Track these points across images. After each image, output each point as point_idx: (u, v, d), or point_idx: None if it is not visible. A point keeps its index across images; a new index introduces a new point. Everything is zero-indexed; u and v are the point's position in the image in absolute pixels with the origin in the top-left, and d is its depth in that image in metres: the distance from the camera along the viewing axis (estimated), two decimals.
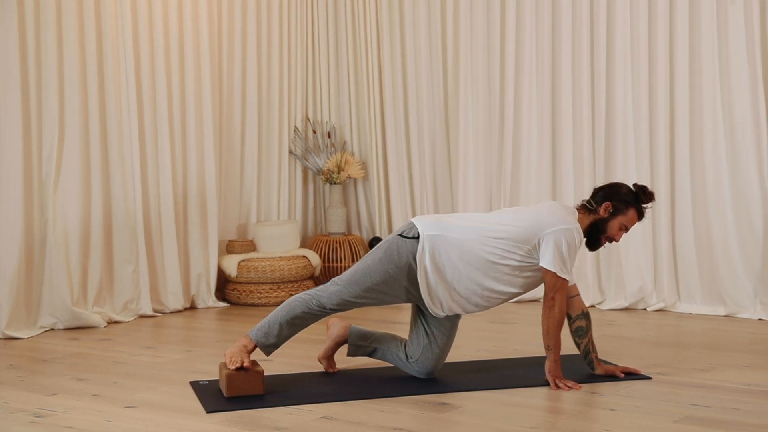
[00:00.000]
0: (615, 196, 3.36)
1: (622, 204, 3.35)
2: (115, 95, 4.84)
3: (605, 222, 3.36)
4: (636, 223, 3.41)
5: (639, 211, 3.39)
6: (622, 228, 3.39)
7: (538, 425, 2.90)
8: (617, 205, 3.35)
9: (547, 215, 3.29)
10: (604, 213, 3.36)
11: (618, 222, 3.37)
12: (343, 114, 5.99)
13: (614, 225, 3.37)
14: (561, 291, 3.26)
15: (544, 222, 3.26)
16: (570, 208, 3.40)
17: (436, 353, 3.41)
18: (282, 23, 5.73)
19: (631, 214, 3.37)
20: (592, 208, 3.37)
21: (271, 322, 3.31)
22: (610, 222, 3.36)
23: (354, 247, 5.75)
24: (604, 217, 3.36)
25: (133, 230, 4.92)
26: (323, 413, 3.03)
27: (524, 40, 5.21)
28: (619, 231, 3.38)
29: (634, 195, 3.38)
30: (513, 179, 5.31)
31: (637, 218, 3.40)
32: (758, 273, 4.66)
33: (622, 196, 3.36)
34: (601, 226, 3.37)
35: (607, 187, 3.42)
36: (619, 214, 3.36)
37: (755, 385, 3.32)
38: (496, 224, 3.29)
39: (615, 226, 3.37)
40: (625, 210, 3.36)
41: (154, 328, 4.72)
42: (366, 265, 3.30)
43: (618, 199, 3.35)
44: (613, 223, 3.36)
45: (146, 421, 2.98)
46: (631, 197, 3.37)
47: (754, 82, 4.61)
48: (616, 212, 3.36)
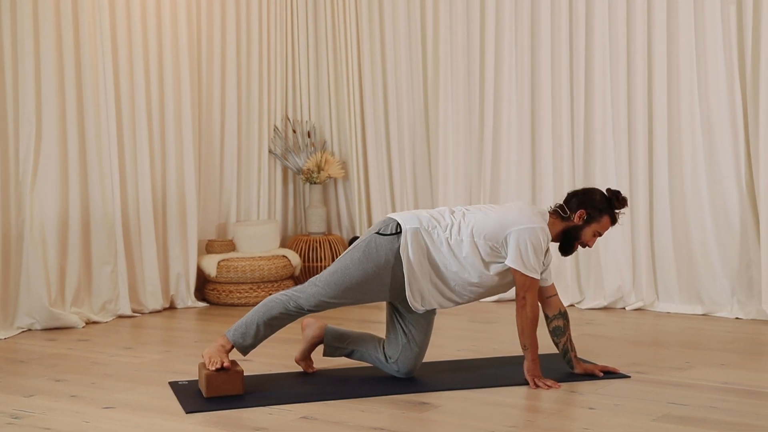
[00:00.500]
0: (589, 203, 3.38)
1: (596, 212, 3.37)
2: (93, 94, 4.81)
3: (579, 229, 3.39)
4: (609, 228, 3.44)
5: (612, 217, 3.41)
6: (596, 234, 3.41)
7: (518, 424, 2.91)
8: (591, 213, 3.37)
9: (513, 214, 3.31)
10: (578, 220, 3.38)
11: (592, 229, 3.39)
12: (323, 113, 5.98)
13: (588, 232, 3.39)
14: (531, 290, 3.27)
15: (509, 221, 3.28)
16: (541, 210, 3.42)
17: (415, 351, 3.42)
18: (261, 21, 5.72)
19: (605, 221, 3.40)
20: (566, 216, 3.39)
21: (248, 322, 3.30)
22: (584, 229, 3.39)
23: (334, 247, 5.75)
24: (579, 225, 3.38)
25: (111, 230, 4.89)
26: (303, 413, 3.03)
27: (504, 39, 5.22)
28: (593, 237, 3.41)
29: (608, 201, 3.40)
30: (493, 179, 5.33)
31: (611, 224, 3.42)
32: (735, 272, 4.70)
33: (596, 203, 3.38)
34: (575, 233, 3.39)
35: (581, 194, 3.43)
36: (593, 222, 3.38)
37: (732, 383, 3.35)
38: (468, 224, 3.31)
39: (589, 233, 3.40)
40: (599, 217, 3.38)
41: (132, 328, 4.69)
42: (344, 266, 3.29)
43: (592, 207, 3.37)
44: (587, 230, 3.39)
45: (125, 421, 2.96)
46: (604, 204, 3.39)
47: (731, 83, 4.65)
48: (591, 220, 3.38)
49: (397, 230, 3.28)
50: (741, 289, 4.70)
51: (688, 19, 4.72)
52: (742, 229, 4.68)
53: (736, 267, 4.70)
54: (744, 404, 3.07)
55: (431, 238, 3.29)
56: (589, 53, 5.01)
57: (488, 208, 3.38)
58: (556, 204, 3.46)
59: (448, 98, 5.40)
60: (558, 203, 3.45)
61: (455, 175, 5.41)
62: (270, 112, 5.80)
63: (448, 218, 3.34)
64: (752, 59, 4.56)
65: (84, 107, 4.79)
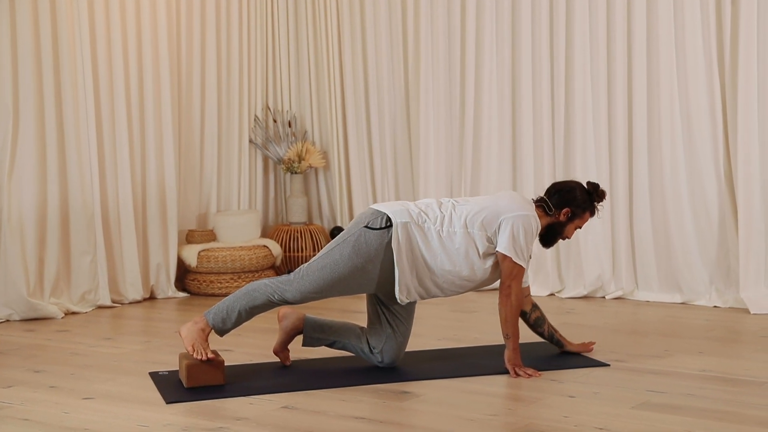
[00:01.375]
0: (573, 202, 3.46)
1: (579, 209, 3.48)
2: (71, 82, 4.76)
3: (563, 225, 3.49)
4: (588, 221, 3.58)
5: (593, 211, 3.53)
6: (577, 227, 3.54)
7: (498, 412, 2.92)
8: (575, 211, 3.47)
9: (505, 202, 3.35)
10: (563, 218, 3.47)
11: (574, 224, 3.51)
12: (304, 103, 5.96)
13: (571, 227, 3.51)
14: (517, 279, 3.31)
15: (502, 208, 3.31)
16: (528, 199, 3.48)
17: (400, 341, 3.42)
18: (241, 10, 5.68)
19: (587, 216, 3.53)
20: (551, 212, 3.45)
21: (229, 308, 3.26)
22: (567, 225, 3.49)
23: (315, 237, 5.74)
24: (563, 221, 3.47)
25: (90, 220, 4.86)
26: (284, 403, 3.03)
27: (485, 29, 5.22)
28: (573, 230, 3.54)
29: (589, 196, 3.50)
30: (473, 168, 5.34)
31: (590, 217, 3.55)
32: (714, 261, 4.74)
33: (580, 202, 3.47)
34: (559, 228, 3.49)
35: (564, 191, 3.48)
36: (576, 218, 3.49)
37: (710, 371, 3.38)
38: (459, 214, 3.32)
39: (571, 228, 3.52)
40: (582, 213, 3.50)
41: (112, 318, 4.67)
42: (334, 261, 3.25)
43: (576, 205, 3.47)
44: (570, 226, 3.50)
45: (104, 412, 2.95)
46: (587, 201, 3.49)
47: (710, 74, 4.67)
48: (574, 217, 3.49)
49: (386, 224, 3.27)
50: (719, 278, 4.74)
51: (667, 10, 4.74)
52: (720, 218, 4.72)
53: (714, 256, 4.74)
54: (721, 391, 3.10)
55: (422, 231, 3.28)
56: (569, 45, 5.02)
57: (478, 199, 3.42)
58: (538, 197, 3.49)
59: (429, 88, 5.39)
60: (540, 196, 3.49)
61: (436, 165, 5.42)
62: (250, 102, 5.78)
63: (437, 210, 3.34)
64: (731, 50, 4.58)
65: (62, 96, 4.75)
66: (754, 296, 4.53)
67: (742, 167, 4.56)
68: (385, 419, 2.87)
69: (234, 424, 2.81)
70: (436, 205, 3.37)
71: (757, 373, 3.32)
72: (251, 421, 2.83)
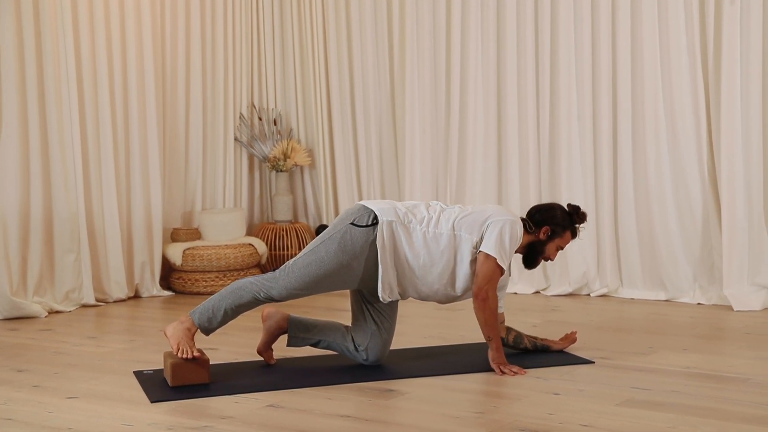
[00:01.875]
0: (552, 220, 3.49)
1: (559, 228, 3.50)
2: (55, 79, 4.73)
3: (543, 244, 3.50)
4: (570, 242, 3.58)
5: (573, 231, 3.55)
6: (558, 248, 3.54)
7: (483, 410, 2.93)
8: (555, 229, 3.49)
9: (494, 209, 3.40)
10: (543, 236, 3.48)
11: (555, 244, 3.52)
12: (289, 101, 5.95)
13: (551, 247, 3.52)
14: (493, 282, 3.30)
15: (491, 213, 3.35)
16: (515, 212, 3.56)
17: (384, 338, 3.42)
18: (226, 7, 5.67)
19: (567, 236, 3.54)
20: (531, 231, 3.47)
21: (215, 307, 3.26)
22: (548, 244, 3.50)
23: (300, 235, 5.73)
24: (543, 240, 3.49)
25: (74, 218, 4.83)
26: (269, 402, 3.02)
27: (470, 27, 5.23)
28: (555, 251, 3.53)
29: (569, 217, 3.52)
30: (459, 166, 5.34)
31: (572, 238, 3.56)
32: (697, 258, 4.77)
33: (559, 220, 3.50)
34: (540, 247, 3.50)
35: (544, 210, 3.54)
36: (557, 237, 3.50)
37: (694, 367, 3.40)
38: (447, 218, 3.34)
39: (552, 247, 3.52)
40: (562, 233, 3.51)
41: (96, 317, 4.65)
42: (320, 258, 3.25)
43: (555, 224, 3.49)
44: (550, 245, 3.51)
45: (89, 412, 2.94)
46: (567, 221, 3.51)
47: (694, 73, 4.69)
48: (554, 235, 3.50)
49: (373, 221, 3.27)
50: (703, 275, 4.77)
51: (651, 10, 4.76)
52: (703, 216, 4.75)
53: (698, 254, 4.77)
54: (705, 388, 3.11)
55: (407, 230, 3.29)
56: (554, 43, 5.03)
57: (467, 207, 3.45)
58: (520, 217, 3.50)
59: (414, 86, 5.40)
60: (522, 217, 3.52)
61: (422, 163, 5.42)
62: (235, 100, 5.76)
63: (425, 212, 3.35)
64: (714, 50, 4.60)
65: (45, 94, 4.72)
66: (738, 293, 4.55)
67: (725, 165, 4.58)
68: (371, 417, 2.87)
69: (219, 422, 2.80)
70: (424, 207, 3.39)
71: (741, 370, 3.34)
72: (236, 420, 2.83)
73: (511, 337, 3.60)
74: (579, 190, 5.01)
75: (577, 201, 5.00)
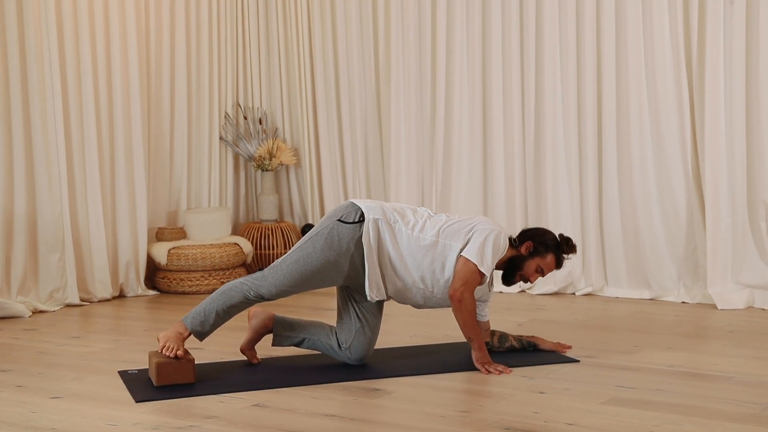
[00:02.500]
0: (537, 237, 3.45)
1: (542, 246, 3.43)
2: (39, 79, 4.71)
3: (523, 260, 3.43)
4: (553, 270, 3.48)
5: (558, 258, 3.47)
6: (539, 270, 3.45)
7: (469, 409, 2.93)
8: (538, 247, 3.43)
9: (479, 219, 3.40)
10: (524, 251, 3.43)
11: (535, 263, 3.43)
12: (275, 100, 5.94)
13: (531, 264, 3.43)
14: (469, 285, 3.27)
15: (477, 223, 3.35)
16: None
17: (369, 336, 3.42)
18: (212, 6, 5.65)
19: (550, 259, 3.45)
20: (515, 245, 3.44)
21: (206, 310, 3.27)
22: (527, 261, 3.43)
23: (286, 234, 5.72)
24: (523, 255, 3.43)
25: (58, 217, 4.80)
26: (255, 401, 3.01)
27: (455, 26, 5.23)
28: (534, 272, 3.45)
29: (557, 243, 3.46)
30: (444, 165, 5.35)
31: (555, 266, 3.47)
32: (682, 257, 4.79)
33: (545, 239, 3.45)
34: (519, 262, 3.43)
35: (534, 229, 3.51)
36: (538, 256, 3.43)
37: (678, 366, 3.42)
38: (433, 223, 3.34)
39: (532, 266, 3.43)
40: (544, 253, 3.43)
41: (81, 317, 4.63)
42: (307, 254, 3.26)
43: (539, 242, 3.43)
44: (530, 262, 3.43)
45: (73, 412, 2.92)
46: (552, 243, 3.45)
47: (678, 72, 4.71)
48: (536, 253, 3.43)
49: (359, 218, 3.28)
50: (687, 274, 4.79)
51: (635, 9, 4.78)
52: (688, 215, 4.77)
53: (682, 252, 4.79)
54: (689, 386, 3.13)
55: (392, 231, 3.29)
56: (539, 42, 5.04)
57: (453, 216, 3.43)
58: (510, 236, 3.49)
59: (400, 84, 5.40)
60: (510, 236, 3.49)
61: (407, 162, 5.42)
62: (221, 99, 5.75)
63: (411, 216, 3.36)
64: (698, 49, 4.63)
65: (29, 94, 4.69)
66: (722, 292, 4.58)
67: (709, 164, 4.61)
68: (356, 416, 2.87)
69: (204, 422, 2.79)
70: (411, 212, 3.40)
71: (725, 368, 3.36)
72: (222, 420, 2.82)
73: (495, 339, 3.59)
74: (564, 189, 5.02)
75: (562, 200, 5.03)
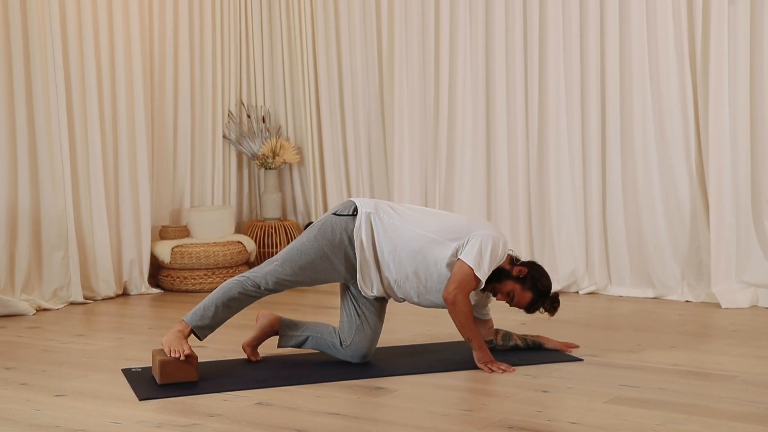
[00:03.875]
0: (536, 273, 3.39)
1: (531, 282, 3.37)
2: (42, 77, 4.71)
3: (507, 277, 3.36)
4: (520, 307, 3.40)
5: (534, 302, 3.40)
6: (510, 295, 3.37)
7: (472, 408, 2.93)
8: (526, 279, 3.36)
9: (481, 223, 3.39)
10: (515, 272, 3.36)
11: (513, 287, 3.36)
12: (278, 98, 5.94)
13: (509, 285, 3.36)
14: (465, 290, 3.24)
15: (476, 226, 3.33)
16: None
17: (369, 334, 3.42)
18: (215, 5, 5.65)
19: (527, 296, 3.38)
20: (513, 262, 3.38)
21: (206, 305, 3.29)
22: (509, 280, 3.36)
23: (289, 233, 5.73)
24: (510, 273, 3.36)
25: (62, 216, 4.81)
26: (258, 399, 3.02)
27: (458, 24, 5.23)
28: (506, 293, 3.38)
29: (546, 292, 3.39)
30: (448, 164, 5.35)
31: (526, 305, 3.39)
32: (685, 256, 4.79)
33: (540, 280, 3.38)
34: (501, 276, 3.35)
35: (538, 267, 3.43)
36: (521, 284, 3.36)
37: (682, 365, 3.41)
38: (431, 220, 3.35)
39: (508, 286, 3.36)
40: (528, 287, 3.37)
41: (85, 315, 4.63)
42: (301, 244, 3.32)
43: (533, 276, 3.37)
44: (510, 283, 3.35)
45: (76, 409, 2.92)
46: (542, 288, 3.38)
47: (682, 71, 4.71)
48: (521, 281, 3.36)
49: (353, 212, 3.31)
50: (691, 273, 4.79)
51: (640, 8, 4.77)
52: (691, 214, 4.77)
53: (686, 251, 4.79)
54: (692, 386, 3.13)
55: (385, 225, 3.30)
56: (543, 41, 5.04)
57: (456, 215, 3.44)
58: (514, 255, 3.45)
59: (403, 82, 5.40)
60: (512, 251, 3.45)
61: (410, 160, 5.42)
62: (224, 97, 5.75)
63: (408, 212, 3.37)
64: (702, 47, 4.62)
65: (33, 92, 4.69)
66: (725, 291, 4.57)
67: (713, 163, 4.60)
68: (360, 415, 2.87)
69: (208, 420, 2.80)
70: (408, 209, 3.41)
71: (728, 367, 3.36)
72: (225, 418, 2.82)
73: (499, 337, 3.59)
74: (568, 188, 5.02)
75: (565, 199, 5.03)
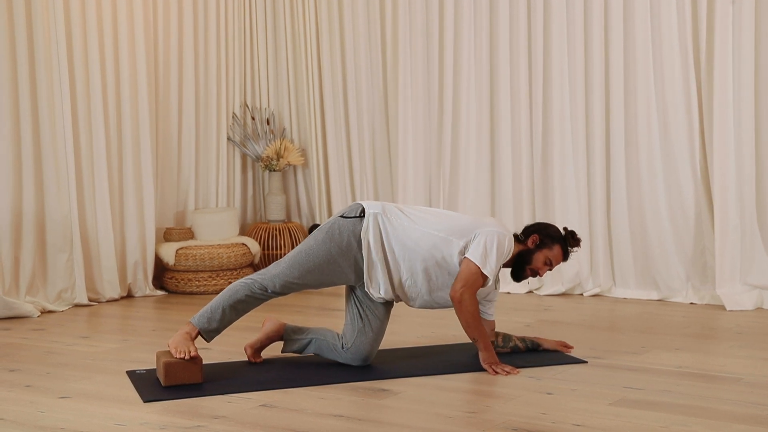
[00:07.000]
0: (543, 230, 3.46)
1: (548, 239, 3.44)
2: (47, 81, 4.72)
3: (531, 253, 3.43)
4: (561, 262, 3.49)
5: (564, 250, 3.48)
6: (547, 262, 3.45)
7: (476, 410, 2.93)
8: (544, 239, 3.44)
9: (486, 220, 3.41)
10: (531, 244, 3.44)
11: (543, 255, 3.44)
12: (282, 100, 5.95)
13: (539, 257, 3.44)
14: (472, 288, 3.27)
15: (483, 224, 3.35)
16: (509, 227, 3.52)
17: (371, 337, 3.42)
18: (219, 7, 5.66)
19: (557, 251, 3.45)
20: (521, 240, 3.45)
21: (213, 307, 3.30)
22: (535, 254, 3.43)
23: (294, 235, 5.73)
24: (531, 249, 3.44)
25: (66, 218, 4.82)
26: (262, 401, 3.02)
27: (463, 26, 5.23)
28: (543, 265, 3.45)
29: (561, 235, 3.48)
30: (452, 165, 5.35)
31: (562, 257, 3.48)
32: (690, 258, 4.78)
33: (550, 231, 3.46)
34: (527, 257, 3.44)
35: (538, 223, 3.53)
36: (545, 248, 3.43)
37: (686, 367, 3.41)
38: (438, 220, 3.35)
39: (540, 258, 3.44)
40: (551, 245, 3.44)
41: (89, 317, 4.64)
42: (308, 247, 3.32)
43: (545, 234, 3.45)
44: (538, 255, 3.43)
45: (81, 411, 2.93)
46: (557, 235, 3.47)
47: (686, 73, 4.70)
48: (542, 245, 3.43)
49: (360, 214, 3.31)
50: (695, 275, 4.78)
51: (644, 9, 4.77)
52: (696, 216, 4.76)
53: (691, 253, 4.78)
54: (697, 387, 3.12)
55: (392, 225, 3.31)
56: (547, 42, 5.04)
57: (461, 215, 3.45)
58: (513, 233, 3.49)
59: (408, 85, 5.40)
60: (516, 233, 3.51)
61: (415, 162, 5.42)
62: (228, 99, 5.76)
63: (415, 212, 3.38)
64: (706, 48, 4.62)
65: (37, 94, 4.70)
66: (730, 293, 4.57)
67: (717, 165, 4.59)
68: (364, 417, 2.87)
69: (212, 422, 2.80)
70: (415, 209, 3.43)
71: (733, 369, 3.35)
72: (229, 420, 2.82)
73: (500, 339, 3.59)
74: (572, 189, 5.02)
75: (569, 201, 5.02)
